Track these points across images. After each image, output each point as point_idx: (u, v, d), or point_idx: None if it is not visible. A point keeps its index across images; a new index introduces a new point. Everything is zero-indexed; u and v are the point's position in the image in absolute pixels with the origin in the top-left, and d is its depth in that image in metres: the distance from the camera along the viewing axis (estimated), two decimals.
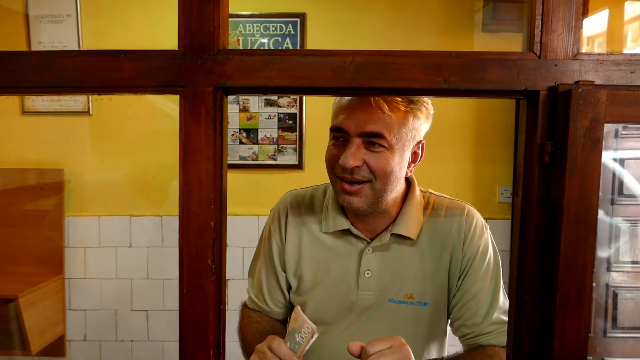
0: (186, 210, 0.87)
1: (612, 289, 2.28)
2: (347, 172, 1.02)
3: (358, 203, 1.04)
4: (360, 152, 1.01)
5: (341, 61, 0.82)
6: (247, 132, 2.50)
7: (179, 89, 0.84)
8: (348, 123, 1.02)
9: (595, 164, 0.76)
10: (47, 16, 2.40)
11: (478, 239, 1.11)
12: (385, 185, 1.03)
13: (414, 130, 1.05)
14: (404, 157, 1.05)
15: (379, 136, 1.00)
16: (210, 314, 0.87)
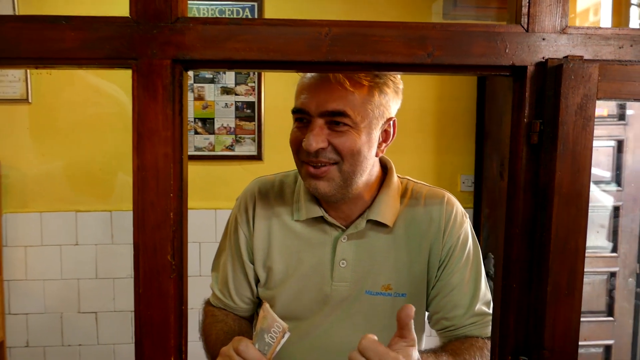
0: (142, 201, 0.77)
1: None
2: (311, 155, 0.95)
3: (325, 187, 0.97)
4: (324, 133, 0.94)
5: (316, 32, 0.74)
6: (203, 121, 2.38)
7: (131, 61, 0.74)
8: (309, 103, 0.95)
9: (587, 143, 0.72)
10: None
11: (458, 228, 1.07)
12: (354, 166, 0.97)
13: (382, 107, 0.99)
14: (372, 136, 0.98)
15: (342, 114, 0.94)
16: (171, 316, 0.78)
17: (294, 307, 1.06)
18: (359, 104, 0.94)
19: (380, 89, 0.96)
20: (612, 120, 2.24)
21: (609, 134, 2.23)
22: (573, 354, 0.75)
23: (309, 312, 1.05)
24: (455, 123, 2.53)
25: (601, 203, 2.33)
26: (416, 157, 2.50)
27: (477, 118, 2.50)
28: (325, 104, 0.93)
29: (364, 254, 1.05)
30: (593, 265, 2.35)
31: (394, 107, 1.03)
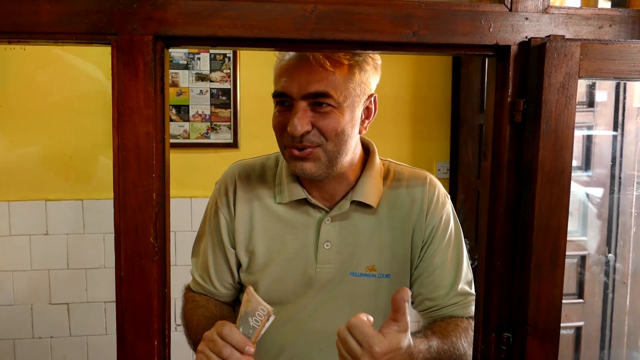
0: (123, 181, 0.74)
1: None
2: (296, 139, 0.94)
3: (311, 168, 0.96)
4: (307, 116, 0.93)
5: (302, 9, 0.73)
6: (177, 108, 2.33)
7: (111, 37, 0.72)
8: (290, 86, 0.94)
9: (570, 121, 0.73)
10: None
11: (441, 209, 1.08)
12: (338, 146, 0.96)
13: (363, 84, 0.98)
14: (355, 115, 0.98)
15: (324, 95, 0.93)
16: (154, 299, 0.76)
17: (277, 291, 1.05)
18: (341, 83, 0.93)
19: (360, 66, 0.96)
20: (581, 107, 2.29)
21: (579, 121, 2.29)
22: (555, 329, 0.77)
23: (293, 296, 1.05)
24: (431, 110, 2.55)
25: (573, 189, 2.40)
26: (392, 144, 2.52)
27: (452, 105, 2.52)
28: (307, 86, 0.92)
29: (348, 236, 1.06)
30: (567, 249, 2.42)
31: (374, 83, 1.03)
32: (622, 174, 2.31)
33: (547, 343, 0.77)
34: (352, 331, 0.78)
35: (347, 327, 0.79)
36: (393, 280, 1.04)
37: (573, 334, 2.44)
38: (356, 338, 0.78)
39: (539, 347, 0.77)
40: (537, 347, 0.77)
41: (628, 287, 2.40)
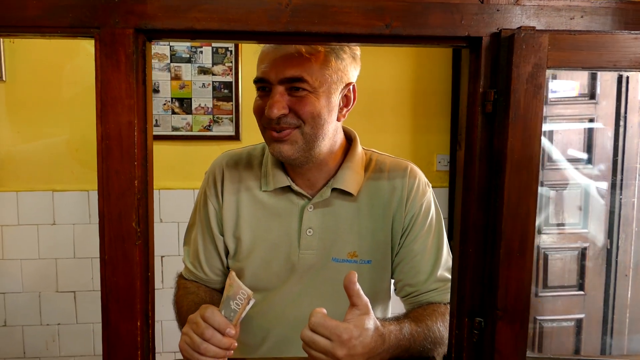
0: (106, 169, 0.78)
1: (543, 250, 2.40)
2: (274, 122, 0.98)
3: (289, 150, 1.00)
4: (284, 100, 0.97)
5: (277, 3, 0.75)
6: (180, 101, 2.37)
7: (94, 30, 0.75)
8: (268, 72, 0.98)
9: (538, 110, 0.75)
10: None
11: (421, 197, 1.10)
12: (315, 129, 0.99)
13: (339, 72, 1.01)
14: (332, 100, 1.01)
15: (300, 80, 0.96)
16: (137, 282, 0.80)
17: (262, 276, 1.09)
18: (317, 69, 0.96)
19: (336, 54, 0.98)
20: (583, 99, 2.28)
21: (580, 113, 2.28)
22: (524, 312, 0.79)
23: (277, 281, 1.08)
24: (432, 103, 2.56)
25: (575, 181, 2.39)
26: (393, 136, 2.53)
27: (452, 98, 2.53)
28: (284, 71, 0.96)
29: (330, 222, 1.08)
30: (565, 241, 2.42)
31: (353, 73, 1.05)
32: (624, 166, 2.30)
33: (517, 326, 0.79)
34: (316, 329, 0.80)
35: (310, 327, 0.81)
36: (374, 266, 1.07)
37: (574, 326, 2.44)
38: (322, 334, 0.80)
39: (508, 330, 0.79)
40: (507, 330, 0.79)
41: (629, 280, 2.40)
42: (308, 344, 0.81)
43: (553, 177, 2.37)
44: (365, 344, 0.81)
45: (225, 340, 0.86)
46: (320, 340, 0.80)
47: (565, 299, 2.42)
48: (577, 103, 2.29)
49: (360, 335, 0.80)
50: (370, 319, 0.83)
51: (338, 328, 0.79)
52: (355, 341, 0.79)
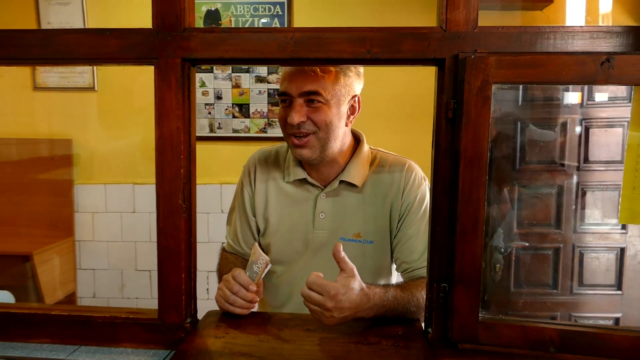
0: (161, 161, 1.06)
1: (578, 249, 2.45)
2: (294, 127, 1.20)
3: (308, 153, 1.22)
4: (303, 110, 1.19)
5: (284, 37, 0.99)
6: (240, 106, 2.67)
7: (154, 60, 1.02)
8: (290, 87, 1.19)
9: (485, 116, 0.93)
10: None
11: (416, 189, 1.28)
12: (328, 134, 1.20)
13: (347, 87, 1.21)
14: (341, 110, 1.22)
15: (316, 93, 1.17)
16: (182, 244, 1.07)
17: (284, 251, 1.32)
18: (329, 85, 1.18)
19: (344, 72, 1.20)
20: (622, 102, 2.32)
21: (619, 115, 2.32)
22: (477, 279, 0.97)
23: (296, 255, 1.31)
24: None
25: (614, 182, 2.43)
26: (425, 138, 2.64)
27: None
28: (303, 86, 1.18)
29: (339, 208, 1.30)
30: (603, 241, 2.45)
31: (357, 87, 1.26)
32: None
33: (471, 290, 0.97)
34: (311, 287, 1.02)
35: (307, 285, 1.02)
36: (376, 246, 1.27)
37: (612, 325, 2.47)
38: (316, 290, 1.02)
39: (464, 292, 0.97)
40: (463, 293, 0.97)
41: None
42: (305, 298, 1.03)
43: (591, 179, 2.42)
44: (351, 300, 1.02)
45: (248, 294, 1.10)
46: (314, 295, 1.02)
47: (602, 298, 2.46)
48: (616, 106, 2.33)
49: (346, 292, 1.01)
50: (356, 281, 1.04)
51: (327, 285, 1.01)
52: (342, 297, 1.00)
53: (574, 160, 2.40)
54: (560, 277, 2.48)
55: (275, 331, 1.08)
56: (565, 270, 2.48)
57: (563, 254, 2.46)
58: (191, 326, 1.08)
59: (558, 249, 2.44)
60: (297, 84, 1.18)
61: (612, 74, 0.89)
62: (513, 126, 2.39)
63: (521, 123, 2.39)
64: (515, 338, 0.97)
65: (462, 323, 0.98)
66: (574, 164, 2.40)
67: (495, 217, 2.41)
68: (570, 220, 2.45)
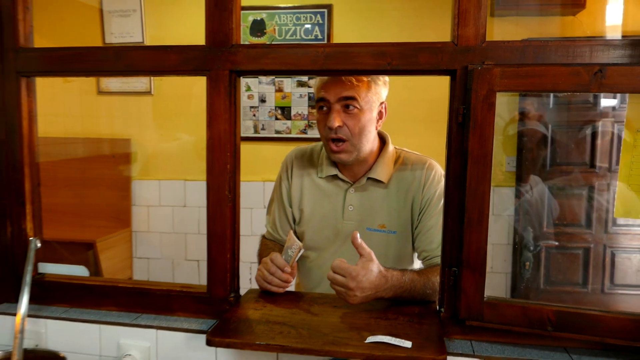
0: (211, 158, 1.23)
1: (610, 249, 2.49)
2: (332, 131, 1.35)
3: (345, 157, 1.37)
4: (340, 115, 1.33)
5: (315, 51, 1.15)
6: (282, 109, 2.85)
7: (206, 72, 1.20)
8: (328, 94, 1.34)
9: (490, 120, 1.05)
10: (117, 11, 2.85)
11: (435, 185, 1.40)
12: (361, 138, 1.35)
13: (377, 94, 1.35)
14: (372, 116, 1.36)
15: (353, 99, 1.31)
16: (228, 230, 1.24)
17: (317, 239, 1.48)
18: (363, 92, 1.32)
19: (374, 81, 1.34)
20: None
21: None
22: (483, 264, 1.09)
23: (327, 243, 1.46)
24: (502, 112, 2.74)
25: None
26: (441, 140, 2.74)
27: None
28: (341, 92, 1.32)
29: (366, 202, 1.44)
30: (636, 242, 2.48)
31: (384, 94, 1.40)
32: None
33: (476, 273, 1.09)
34: (335, 270, 1.17)
35: (332, 269, 1.17)
36: (399, 236, 1.41)
37: None
38: (339, 273, 1.16)
39: (470, 276, 1.10)
40: (470, 276, 1.10)
41: None
42: (331, 281, 1.18)
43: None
44: (371, 280, 1.16)
45: (283, 274, 1.27)
46: (338, 277, 1.16)
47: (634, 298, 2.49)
48: None
49: (365, 274, 1.15)
50: (374, 264, 1.18)
51: (349, 268, 1.16)
52: (362, 277, 1.15)
53: (605, 162, 2.44)
54: (590, 276, 2.52)
55: (306, 306, 1.24)
56: (595, 270, 2.52)
57: (594, 254, 2.50)
58: (234, 300, 1.25)
59: (588, 249, 2.48)
60: (335, 91, 1.33)
61: (604, 83, 1.00)
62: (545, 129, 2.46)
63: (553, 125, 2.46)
64: (516, 317, 1.08)
65: (469, 303, 1.11)
66: (605, 166, 2.44)
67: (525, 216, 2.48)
68: (602, 221, 2.49)
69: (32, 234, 1.35)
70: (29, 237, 1.34)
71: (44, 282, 1.34)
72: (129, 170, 3.01)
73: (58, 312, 1.30)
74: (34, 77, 1.32)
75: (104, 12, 2.86)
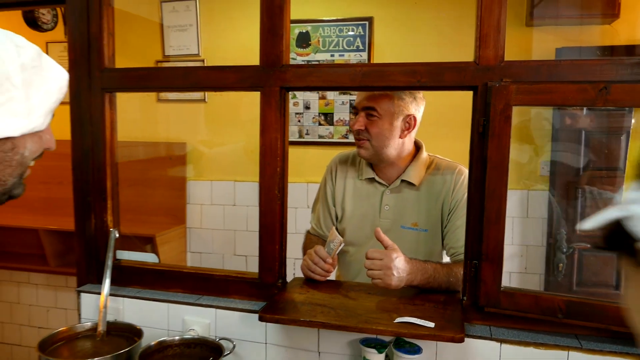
0: (263, 162, 1.43)
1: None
2: (355, 133, 1.54)
3: (363, 152, 1.55)
4: (363, 121, 1.52)
5: (354, 70, 1.33)
6: (325, 115, 3.03)
7: (260, 88, 1.40)
8: (358, 103, 1.54)
9: (506, 131, 1.19)
10: (176, 26, 3.11)
11: (464, 189, 1.53)
12: (379, 142, 1.52)
13: (400, 107, 1.50)
14: (394, 125, 1.51)
15: (372, 109, 1.50)
16: (277, 224, 1.43)
17: (356, 235, 1.65)
18: (384, 104, 1.48)
19: (399, 96, 1.49)
20: None
21: None
22: (500, 259, 1.23)
23: (365, 239, 1.63)
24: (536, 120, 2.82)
25: None
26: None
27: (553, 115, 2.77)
28: (365, 102, 1.51)
29: (400, 202, 1.59)
30: None
31: (413, 108, 1.54)
32: None
33: (494, 265, 1.24)
34: (372, 255, 1.33)
35: (367, 256, 1.33)
36: (429, 234, 1.56)
37: None
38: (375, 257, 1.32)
39: (489, 268, 1.24)
40: (488, 268, 1.24)
41: None
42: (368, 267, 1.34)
43: None
44: (402, 262, 1.32)
45: (325, 265, 1.44)
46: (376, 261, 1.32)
47: None
48: None
49: (397, 256, 1.31)
50: (395, 253, 1.32)
51: (384, 251, 1.33)
52: (396, 259, 1.31)
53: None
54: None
55: (344, 292, 1.41)
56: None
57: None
58: (282, 285, 1.44)
59: None
60: (362, 102, 1.51)
61: (609, 99, 1.13)
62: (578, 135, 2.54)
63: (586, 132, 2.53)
64: (530, 305, 1.22)
65: (487, 291, 1.25)
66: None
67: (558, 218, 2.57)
68: None
69: (112, 226, 1.58)
70: (109, 228, 1.57)
71: (121, 266, 1.57)
72: (184, 172, 3.26)
73: (133, 292, 1.53)
74: (115, 93, 1.55)
75: (164, 27, 3.13)
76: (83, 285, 1.59)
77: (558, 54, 2.52)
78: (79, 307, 1.57)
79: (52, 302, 3.14)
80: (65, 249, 3.03)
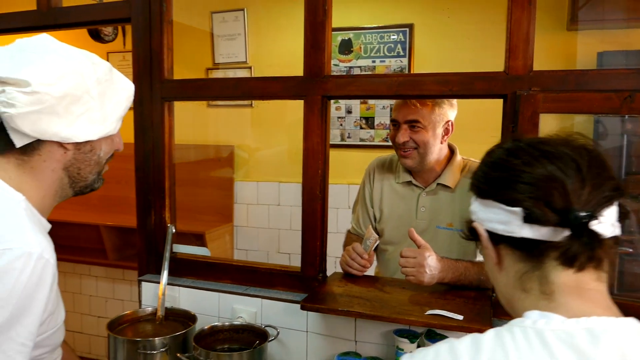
0: (306, 164, 1.55)
1: None
2: (400, 145, 1.63)
3: (410, 163, 1.63)
4: (407, 133, 1.60)
5: (390, 80, 1.43)
6: (366, 119, 3.12)
7: (303, 97, 1.52)
8: (398, 116, 1.62)
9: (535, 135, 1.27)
10: (225, 35, 3.29)
11: None
12: (425, 150, 1.60)
13: (441, 115, 1.58)
14: (436, 132, 1.60)
15: (416, 121, 1.58)
16: (318, 222, 1.55)
17: (394, 235, 1.74)
18: (427, 114, 1.57)
19: (438, 104, 1.58)
20: None
21: None
22: None
23: (402, 239, 1.71)
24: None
25: None
26: None
27: None
28: (407, 115, 1.59)
29: (435, 204, 1.66)
30: None
31: (451, 114, 1.61)
32: None
33: None
34: (406, 254, 1.41)
35: (402, 254, 1.41)
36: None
37: None
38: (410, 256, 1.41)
39: None
40: None
41: None
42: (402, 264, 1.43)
43: None
44: (435, 260, 1.40)
45: (362, 260, 1.54)
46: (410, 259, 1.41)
47: None
48: None
49: (429, 255, 1.40)
50: (427, 251, 1.39)
51: (417, 250, 1.42)
52: (428, 257, 1.39)
53: None
54: None
55: (380, 287, 1.52)
56: None
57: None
58: (322, 279, 1.56)
59: None
60: (403, 114, 1.60)
61: (633, 107, 1.18)
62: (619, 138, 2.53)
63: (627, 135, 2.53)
64: None
65: None
66: None
67: None
68: None
69: (169, 222, 1.74)
70: (167, 224, 1.73)
71: (177, 259, 1.73)
72: (231, 173, 3.44)
73: (188, 282, 1.69)
74: (173, 101, 1.71)
75: (214, 36, 3.32)
76: (143, 275, 1.76)
77: (599, 59, 2.53)
78: (139, 294, 1.74)
79: (110, 293, 3.38)
80: (123, 244, 3.26)
